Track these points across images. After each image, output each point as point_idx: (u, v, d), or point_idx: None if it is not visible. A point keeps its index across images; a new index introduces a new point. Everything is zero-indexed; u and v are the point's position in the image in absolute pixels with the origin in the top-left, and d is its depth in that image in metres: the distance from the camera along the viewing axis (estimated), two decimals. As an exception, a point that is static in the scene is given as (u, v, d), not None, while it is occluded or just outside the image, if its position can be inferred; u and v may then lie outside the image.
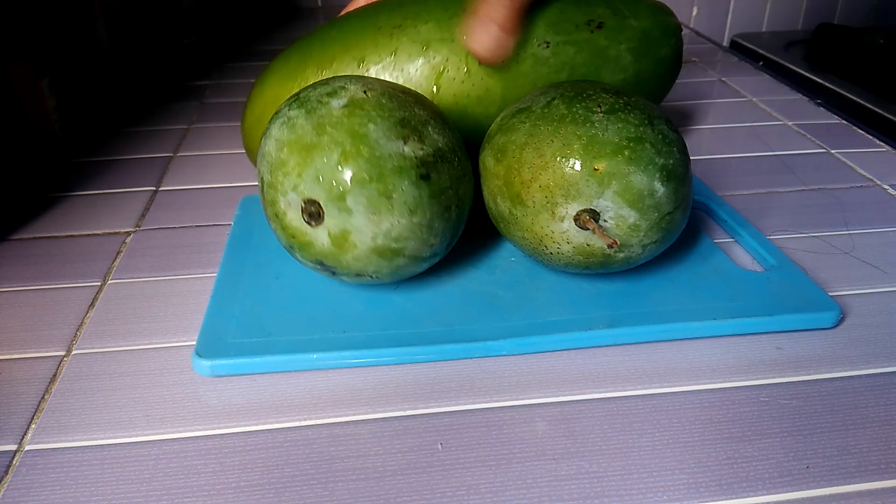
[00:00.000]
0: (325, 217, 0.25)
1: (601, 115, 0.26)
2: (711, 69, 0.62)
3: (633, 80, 0.37)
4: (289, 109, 0.26)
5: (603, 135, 0.26)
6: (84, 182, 0.42)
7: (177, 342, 0.28)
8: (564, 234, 0.27)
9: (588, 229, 0.26)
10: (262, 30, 0.76)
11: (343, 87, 0.26)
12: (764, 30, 0.84)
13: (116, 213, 0.38)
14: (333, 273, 0.27)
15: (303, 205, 0.25)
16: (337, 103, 0.26)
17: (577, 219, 0.26)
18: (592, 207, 0.26)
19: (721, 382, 0.26)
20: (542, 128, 0.27)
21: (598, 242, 0.27)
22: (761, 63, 0.69)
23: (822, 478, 0.22)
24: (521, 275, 0.31)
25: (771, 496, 0.21)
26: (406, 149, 0.25)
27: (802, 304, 0.28)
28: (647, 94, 0.39)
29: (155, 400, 0.25)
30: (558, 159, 0.26)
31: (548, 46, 0.35)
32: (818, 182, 0.41)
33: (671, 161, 0.26)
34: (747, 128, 0.49)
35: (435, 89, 0.34)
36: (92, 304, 0.30)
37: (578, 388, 0.26)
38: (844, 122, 0.50)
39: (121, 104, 0.54)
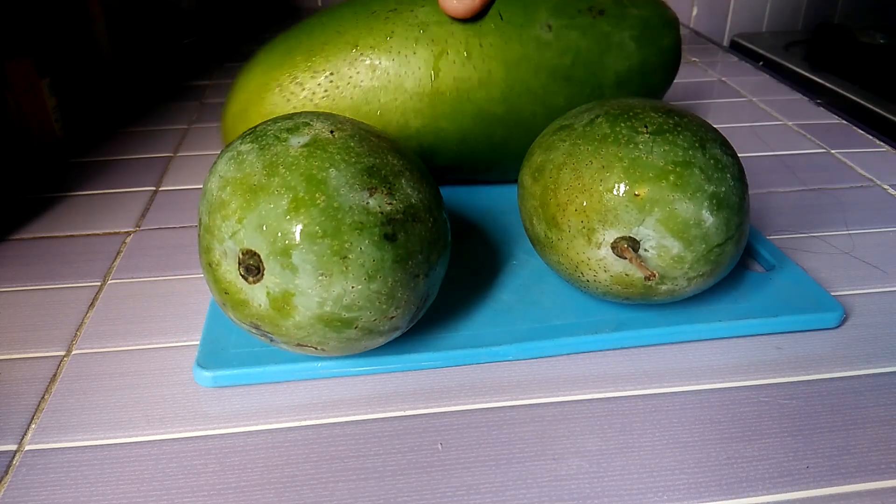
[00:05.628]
0: (265, 273, 0.21)
1: (647, 135, 0.25)
2: (711, 69, 0.62)
3: (639, 69, 0.37)
4: (241, 143, 0.23)
5: (647, 157, 0.24)
6: (84, 182, 0.42)
7: (177, 342, 0.28)
8: (601, 261, 0.25)
9: (625, 258, 0.25)
10: (262, 30, 0.76)
11: (307, 124, 0.23)
12: (764, 30, 0.84)
13: (116, 213, 0.38)
14: (271, 340, 0.23)
15: (240, 256, 0.22)
16: (296, 141, 0.22)
17: (614, 246, 0.25)
18: (632, 235, 0.24)
19: (721, 383, 0.26)
20: (581, 147, 0.25)
21: (638, 273, 0.25)
22: (761, 63, 0.69)
23: (822, 478, 0.22)
24: (524, 278, 0.31)
25: (771, 496, 0.21)
26: (371, 202, 0.22)
27: (807, 305, 0.28)
28: (651, 84, 0.39)
29: (155, 400, 0.25)
30: (597, 182, 0.24)
31: (550, 30, 0.34)
32: (818, 182, 0.41)
33: (723, 188, 0.24)
34: (747, 128, 0.49)
35: (433, 74, 0.34)
36: (92, 304, 0.30)
37: (578, 388, 0.26)
38: (844, 122, 0.50)
39: (121, 104, 0.54)
